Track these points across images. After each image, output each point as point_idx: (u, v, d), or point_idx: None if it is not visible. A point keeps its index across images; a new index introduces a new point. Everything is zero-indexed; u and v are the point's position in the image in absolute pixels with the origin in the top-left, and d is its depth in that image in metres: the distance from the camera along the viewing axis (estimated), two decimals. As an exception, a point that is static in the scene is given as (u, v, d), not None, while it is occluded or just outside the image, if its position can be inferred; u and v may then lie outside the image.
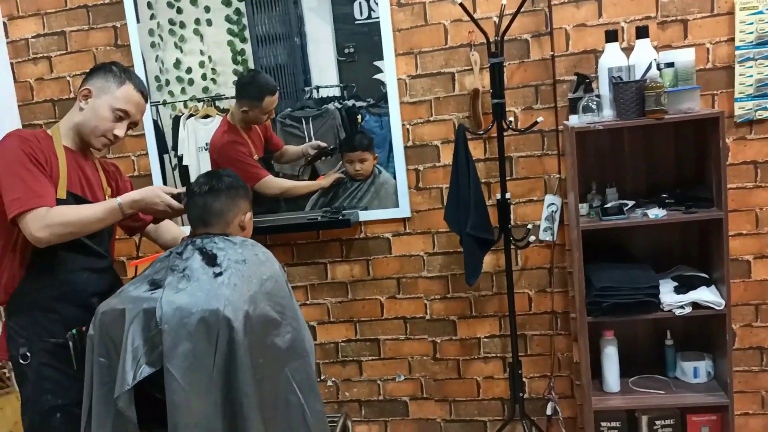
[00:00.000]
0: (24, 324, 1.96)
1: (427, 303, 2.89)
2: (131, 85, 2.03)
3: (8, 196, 1.83)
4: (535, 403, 2.85)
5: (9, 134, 1.91)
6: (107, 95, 1.99)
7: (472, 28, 2.57)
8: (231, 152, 2.82)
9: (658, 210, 2.37)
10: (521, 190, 2.73)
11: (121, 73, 2.03)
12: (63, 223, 1.84)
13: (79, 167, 2.03)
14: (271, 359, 1.87)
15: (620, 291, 2.37)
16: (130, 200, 1.96)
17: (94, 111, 1.99)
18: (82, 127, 2.01)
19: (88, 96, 2.00)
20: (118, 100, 2.00)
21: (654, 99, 2.23)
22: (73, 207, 1.91)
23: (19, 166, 1.84)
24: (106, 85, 2.00)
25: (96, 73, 2.03)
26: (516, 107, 2.68)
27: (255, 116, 2.80)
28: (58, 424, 1.95)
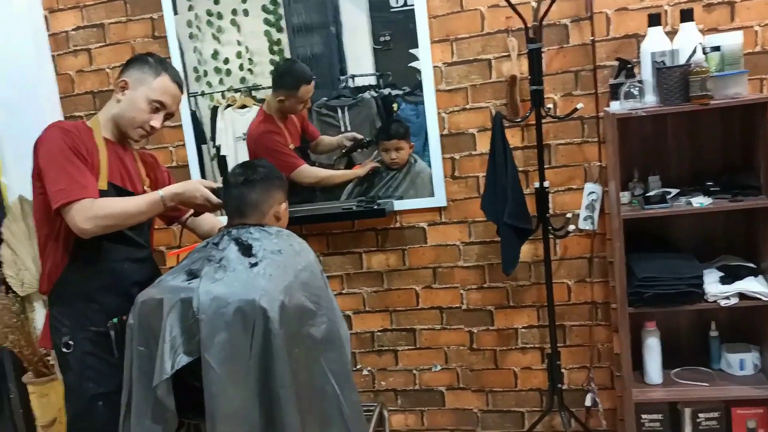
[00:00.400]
0: (66, 313, 1.99)
1: (463, 293, 2.86)
2: (167, 77, 2.04)
3: (53, 187, 1.85)
4: (573, 394, 2.81)
5: (50, 126, 1.93)
6: (144, 87, 2.01)
7: (509, 13, 2.51)
8: (267, 141, 2.83)
9: (702, 198, 2.30)
10: (560, 179, 2.68)
11: (157, 65, 2.04)
12: (107, 215, 1.86)
13: (119, 158, 2.05)
14: (306, 349, 1.88)
15: (663, 281, 2.31)
16: (172, 193, 1.98)
17: (132, 102, 2.01)
18: (119, 118, 2.03)
19: (125, 87, 2.01)
20: (154, 91, 2.01)
21: (699, 84, 2.16)
22: (117, 199, 1.93)
23: (62, 158, 1.87)
24: (143, 77, 2.01)
25: (133, 65, 2.04)
26: (555, 94, 2.62)
27: (291, 105, 2.80)
28: (101, 412, 1.98)
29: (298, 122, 2.88)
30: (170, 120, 2.12)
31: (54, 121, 2.01)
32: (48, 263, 2.00)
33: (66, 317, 1.99)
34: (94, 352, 1.99)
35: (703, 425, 2.49)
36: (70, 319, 1.99)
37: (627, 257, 2.35)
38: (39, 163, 1.89)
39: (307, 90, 2.78)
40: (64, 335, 1.98)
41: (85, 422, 2.00)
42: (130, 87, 2.01)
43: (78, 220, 1.83)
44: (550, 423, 2.84)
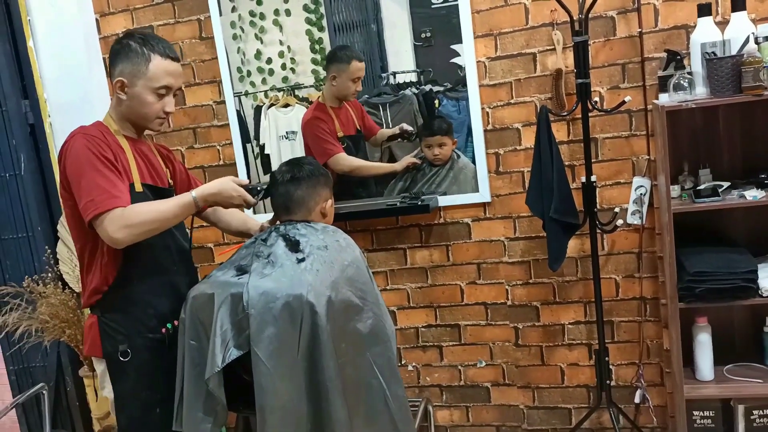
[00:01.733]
0: (121, 320, 1.93)
1: (508, 288, 2.85)
2: (158, 56, 1.90)
3: (83, 199, 1.79)
4: (622, 390, 2.77)
5: (74, 134, 1.87)
6: (141, 79, 1.89)
7: (554, 6, 2.49)
8: (311, 127, 2.87)
9: (756, 191, 2.25)
10: (607, 173, 2.64)
11: (143, 48, 1.90)
12: (140, 222, 1.80)
13: (143, 155, 2.01)
14: (352, 344, 1.90)
15: (715, 276, 2.26)
16: (207, 194, 1.93)
17: (137, 99, 1.91)
18: (131, 116, 1.96)
19: (124, 87, 1.91)
20: (154, 79, 1.90)
21: (752, 75, 2.11)
22: (147, 205, 1.86)
23: (89, 168, 1.80)
24: (136, 69, 1.89)
25: (119, 58, 1.91)
26: (601, 87, 2.59)
27: (343, 84, 2.81)
28: (159, 419, 1.96)
29: (356, 114, 2.89)
30: (217, 120, 2.14)
31: None
32: (94, 274, 1.93)
33: (121, 325, 1.93)
34: (150, 359, 1.96)
35: (758, 422, 2.44)
36: (125, 327, 1.93)
37: (677, 252, 2.31)
38: (66, 174, 1.84)
39: (358, 67, 2.78)
40: (120, 343, 1.92)
41: (142, 430, 1.97)
42: (128, 84, 1.90)
43: (111, 231, 1.76)
44: (597, 420, 2.81)
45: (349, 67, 2.79)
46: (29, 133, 3.10)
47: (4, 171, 3.12)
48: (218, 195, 1.95)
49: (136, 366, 1.94)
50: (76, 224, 1.90)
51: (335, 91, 2.84)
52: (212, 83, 3.02)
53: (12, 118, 3.06)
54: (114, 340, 1.93)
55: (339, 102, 2.87)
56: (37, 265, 3.12)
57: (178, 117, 3.09)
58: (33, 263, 3.14)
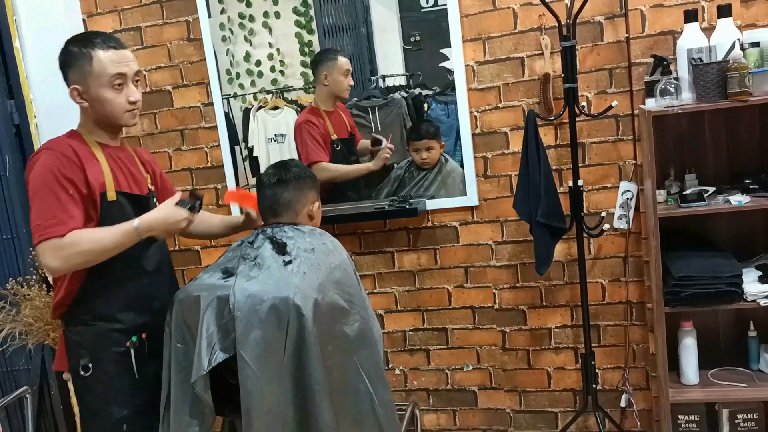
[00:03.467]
0: (85, 335, 1.90)
1: (495, 292, 2.85)
2: (98, 50, 1.83)
3: (32, 221, 1.77)
4: (608, 394, 2.78)
5: (42, 149, 1.83)
6: (92, 79, 1.84)
7: (542, 11, 2.50)
8: (301, 131, 2.87)
9: (741, 196, 2.27)
10: (594, 177, 2.65)
11: (81, 49, 1.84)
12: (78, 252, 1.75)
13: (119, 161, 1.95)
14: (339, 347, 1.89)
15: (700, 280, 2.27)
16: (151, 222, 1.84)
17: (97, 101, 1.86)
18: (100, 119, 1.90)
19: (81, 94, 1.86)
20: (102, 74, 1.84)
21: (737, 80, 2.13)
22: (88, 233, 1.79)
23: (45, 189, 1.77)
24: (82, 72, 1.84)
25: (66, 68, 1.87)
26: (589, 92, 2.60)
27: (335, 80, 2.81)
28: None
29: (347, 118, 2.89)
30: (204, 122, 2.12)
31: None
32: (60, 287, 1.90)
33: (85, 339, 1.90)
34: (117, 373, 1.91)
35: (742, 426, 2.46)
36: (90, 341, 1.90)
37: (663, 256, 2.33)
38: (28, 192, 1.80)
39: (345, 61, 2.79)
40: (82, 357, 1.89)
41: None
42: (82, 90, 1.85)
43: (47, 259, 1.74)
44: (584, 423, 2.82)
45: (337, 63, 2.80)
46: (15, 133, 3.06)
47: (-8, 170, 3.10)
48: (164, 223, 1.86)
49: (100, 381, 1.89)
50: None
51: (329, 90, 2.84)
52: (200, 85, 3.01)
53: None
54: (77, 354, 1.90)
55: (332, 104, 2.87)
56: (21, 267, 3.08)
57: (165, 118, 3.08)
58: (17, 265, 3.11)
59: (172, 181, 3.08)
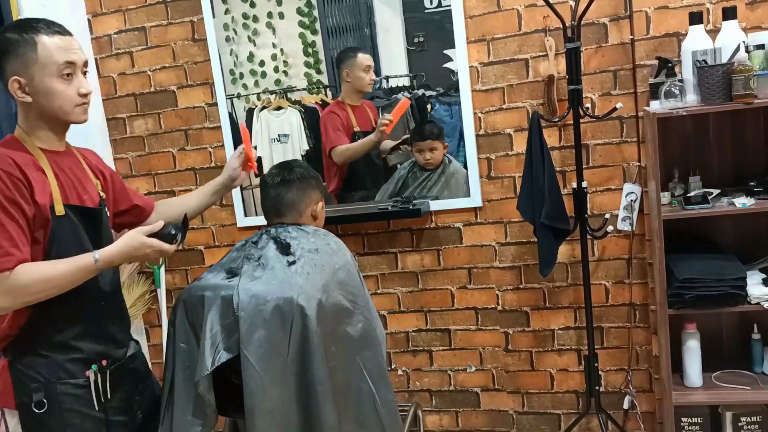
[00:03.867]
0: (37, 366, 1.68)
1: (498, 293, 2.85)
2: (43, 36, 1.62)
3: None
4: (611, 396, 2.78)
5: None
6: (37, 69, 1.61)
7: (546, 12, 2.50)
8: (326, 119, 2.91)
9: (745, 198, 2.26)
10: (598, 179, 2.65)
11: (22, 34, 1.62)
12: (29, 293, 1.58)
13: (65, 169, 1.74)
14: (343, 348, 1.89)
15: (704, 282, 2.27)
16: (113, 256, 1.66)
17: (44, 93, 1.63)
18: (48, 116, 1.67)
19: (23, 87, 1.62)
20: (50, 62, 1.62)
21: (742, 83, 2.12)
22: (39, 270, 1.60)
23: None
24: (24, 60, 1.61)
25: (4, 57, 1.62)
26: (593, 93, 2.60)
27: (356, 77, 2.84)
28: None
29: (372, 114, 2.90)
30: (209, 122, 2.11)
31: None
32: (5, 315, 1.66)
33: (36, 371, 1.67)
34: (74, 407, 1.71)
35: (745, 429, 2.45)
36: (43, 374, 1.68)
37: (667, 258, 2.32)
38: None
39: (365, 58, 2.82)
40: (34, 392, 1.66)
41: None
42: (25, 82, 1.61)
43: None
44: (587, 425, 2.81)
45: (356, 60, 2.82)
46: (19, 133, 3.07)
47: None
48: (130, 256, 1.70)
49: (58, 417, 1.69)
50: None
51: (352, 86, 2.86)
52: (204, 85, 3.01)
53: (1, 119, 3.03)
54: (27, 388, 1.67)
55: (357, 99, 2.88)
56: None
57: (170, 118, 3.08)
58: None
59: (176, 181, 3.11)
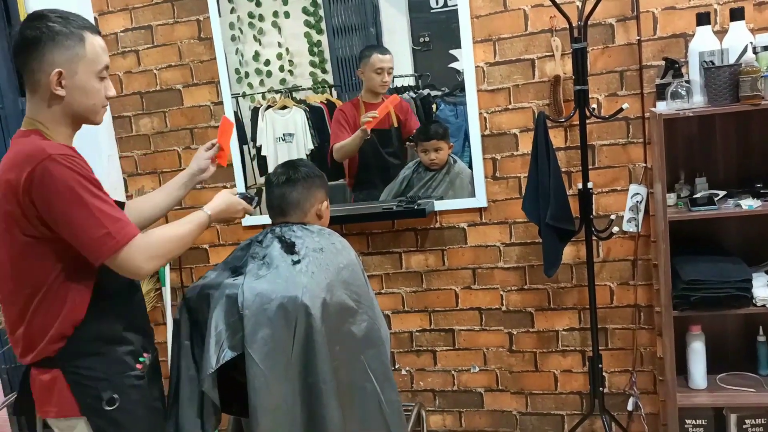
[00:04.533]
0: (96, 364, 1.65)
1: (503, 294, 2.85)
2: (89, 33, 1.62)
3: (92, 233, 1.52)
4: (615, 398, 2.77)
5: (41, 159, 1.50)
6: (83, 65, 1.60)
7: (553, 13, 2.50)
8: (334, 117, 2.92)
9: (751, 200, 2.26)
10: (604, 180, 2.64)
11: (69, 27, 1.59)
12: (167, 251, 1.65)
13: None
14: (347, 347, 1.89)
15: (709, 284, 2.26)
16: (218, 210, 1.84)
17: (80, 90, 1.61)
18: (75, 113, 1.64)
19: (61, 79, 1.58)
20: (95, 61, 1.62)
21: (749, 84, 2.12)
22: (165, 230, 1.69)
23: (88, 196, 1.53)
24: (72, 54, 1.58)
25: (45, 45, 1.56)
26: (599, 94, 2.59)
27: (368, 77, 2.83)
28: None
29: (397, 110, 2.86)
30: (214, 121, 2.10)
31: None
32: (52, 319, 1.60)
33: (99, 370, 1.65)
34: (139, 399, 1.72)
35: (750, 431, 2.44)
36: (104, 370, 1.65)
37: (672, 260, 2.32)
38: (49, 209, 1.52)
39: (379, 59, 2.80)
40: (102, 390, 1.64)
41: None
42: (67, 75, 1.58)
43: (139, 261, 1.56)
44: (590, 427, 2.81)
45: (369, 60, 2.81)
46: (25, 130, 3.08)
47: (0, 168, 3.10)
48: (226, 211, 1.89)
49: (128, 413, 1.68)
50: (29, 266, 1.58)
51: (367, 85, 2.85)
52: (210, 84, 3.02)
53: (9, 116, 3.04)
54: (93, 389, 1.63)
55: (374, 97, 2.86)
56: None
57: (175, 117, 3.09)
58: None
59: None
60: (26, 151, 1.53)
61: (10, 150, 1.60)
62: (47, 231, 1.55)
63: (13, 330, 1.66)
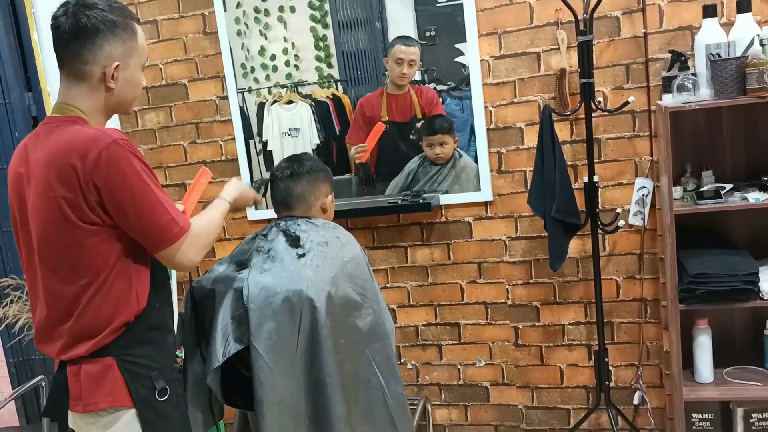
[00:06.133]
0: (150, 353, 1.59)
1: (509, 288, 2.85)
2: (137, 25, 1.61)
3: (158, 219, 1.50)
4: (621, 392, 2.77)
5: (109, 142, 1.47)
6: (135, 58, 1.59)
7: (559, 6, 2.48)
8: (357, 108, 2.90)
9: (758, 194, 2.24)
10: (610, 173, 2.63)
11: (126, 18, 1.57)
12: (211, 241, 1.65)
13: None
14: (352, 340, 1.90)
15: (716, 278, 2.25)
16: (234, 197, 1.85)
17: (129, 82, 1.59)
18: (115, 106, 1.62)
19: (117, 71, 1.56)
20: (144, 54, 1.62)
21: (756, 77, 2.10)
22: (204, 220, 1.66)
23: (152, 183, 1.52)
24: (128, 47, 1.57)
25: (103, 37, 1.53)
26: (605, 87, 2.58)
27: (390, 67, 2.81)
28: None
29: (422, 102, 2.84)
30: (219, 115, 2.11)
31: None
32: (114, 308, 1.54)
33: (153, 359, 1.59)
34: (182, 393, 1.69)
35: (756, 425, 2.44)
36: (157, 359, 1.60)
37: (678, 253, 2.31)
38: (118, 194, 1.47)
39: (400, 50, 2.77)
40: (155, 380, 1.58)
41: None
42: (121, 68, 1.56)
43: (191, 255, 1.56)
44: (596, 420, 2.81)
45: (391, 50, 2.79)
46: (32, 125, 3.10)
47: (6, 163, 3.11)
48: (241, 199, 1.92)
49: (176, 404, 1.63)
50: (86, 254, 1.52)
51: (390, 76, 2.83)
52: (215, 78, 3.02)
53: (15, 110, 3.06)
54: (146, 379, 1.57)
55: (396, 88, 2.84)
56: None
57: (181, 111, 3.10)
58: (34, 256, 3.14)
59: (187, 174, 3.13)
60: (87, 135, 1.48)
61: (58, 136, 1.52)
62: (107, 218, 1.50)
63: (55, 324, 1.57)
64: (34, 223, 1.55)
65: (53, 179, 1.48)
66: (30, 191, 1.54)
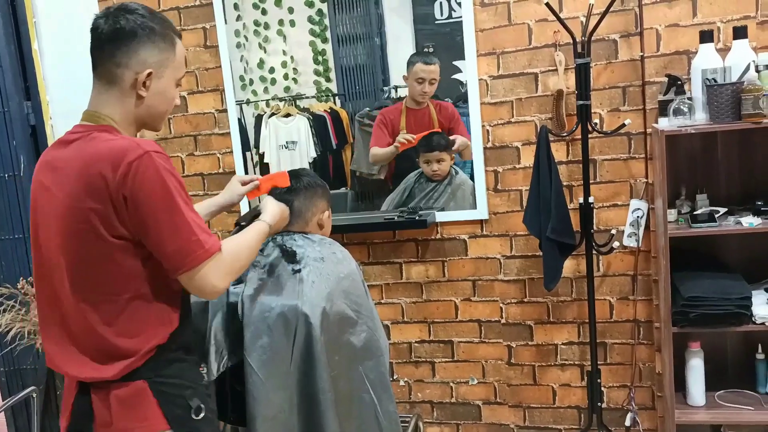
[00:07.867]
0: (182, 372, 1.54)
1: (503, 306, 2.85)
2: (178, 39, 1.56)
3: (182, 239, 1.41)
4: (613, 413, 2.77)
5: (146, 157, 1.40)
6: (171, 70, 1.54)
7: (557, 27, 2.51)
8: (378, 117, 2.89)
9: (752, 218, 2.26)
10: (605, 194, 2.65)
11: (166, 29, 1.52)
12: (240, 267, 1.56)
13: None
14: (345, 357, 1.90)
15: (709, 301, 2.26)
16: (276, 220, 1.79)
17: (161, 95, 1.53)
18: (144, 118, 1.55)
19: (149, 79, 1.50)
20: (180, 68, 1.57)
21: (752, 102, 2.12)
22: (236, 243, 1.57)
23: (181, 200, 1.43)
24: (164, 57, 1.51)
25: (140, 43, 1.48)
26: (602, 109, 2.60)
27: (409, 84, 2.82)
28: None
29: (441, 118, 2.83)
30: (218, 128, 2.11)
31: None
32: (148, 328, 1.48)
33: (185, 378, 1.54)
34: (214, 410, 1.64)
35: (748, 450, 2.44)
36: (189, 378, 1.56)
37: (672, 276, 2.32)
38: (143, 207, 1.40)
39: (421, 68, 2.77)
40: (189, 399, 1.52)
41: None
42: (155, 77, 1.50)
43: (215, 280, 1.45)
44: (588, 442, 2.80)
45: (411, 69, 2.79)
46: (30, 134, 3.10)
47: (4, 171, 3.12)
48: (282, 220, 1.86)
49: (210, 422, 1.58)
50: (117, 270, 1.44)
51: (408, 92, 2.84)
52: (215, 91, 3.03)
53: (14, 119, 3.06)
54: (181, 399, 1.51)
55: (415, 104, 2.85)
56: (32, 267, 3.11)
57: (180, 124, 3.10)
58: (28, 264, 3.13)
59: (184, 185, 3.12)
60: (120, 145, 1.41)
61: (89, 144, 1.45)
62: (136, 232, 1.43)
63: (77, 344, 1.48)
64: (59, 235, 1.46)
65: (82, 190, 1.41)
66: (53, 202, 1.47)
